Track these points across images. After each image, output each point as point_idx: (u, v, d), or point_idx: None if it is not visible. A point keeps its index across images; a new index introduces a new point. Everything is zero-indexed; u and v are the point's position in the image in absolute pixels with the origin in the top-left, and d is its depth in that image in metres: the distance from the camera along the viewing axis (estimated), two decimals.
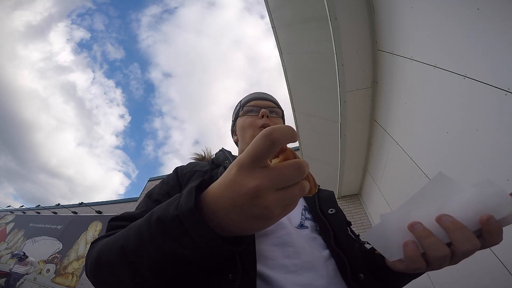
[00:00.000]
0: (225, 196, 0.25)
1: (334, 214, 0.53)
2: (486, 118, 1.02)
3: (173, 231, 0.27)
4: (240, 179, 0.24)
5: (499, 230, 0.29)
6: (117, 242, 0.33)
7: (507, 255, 1.02)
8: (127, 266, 0.31)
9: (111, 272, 0.33)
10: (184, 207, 0.27)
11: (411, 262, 0.31)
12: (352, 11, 1.87)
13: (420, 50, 1.45)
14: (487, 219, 0.29)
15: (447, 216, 0.30)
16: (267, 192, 0.24)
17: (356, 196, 3.76)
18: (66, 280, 7.58)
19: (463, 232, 0.29)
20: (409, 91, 1.68)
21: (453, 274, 1.38)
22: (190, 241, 0.27)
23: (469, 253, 0.30)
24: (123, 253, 0.31)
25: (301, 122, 3.07)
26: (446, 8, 1.16)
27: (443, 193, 0.33)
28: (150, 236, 0.29)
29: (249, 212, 0.24)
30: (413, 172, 1.72)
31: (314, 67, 2.45)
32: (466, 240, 0.29)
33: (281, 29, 2.48)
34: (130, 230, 0.33)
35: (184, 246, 0.27)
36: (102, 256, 0.34)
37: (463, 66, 1.11)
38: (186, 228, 0.26)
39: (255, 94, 0.76)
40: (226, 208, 0.25)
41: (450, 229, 0.30)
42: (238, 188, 0.24)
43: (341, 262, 0.43)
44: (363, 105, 2.38)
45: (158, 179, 8.26)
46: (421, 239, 0.31)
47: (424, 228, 0.31)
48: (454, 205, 0.31)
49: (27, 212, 12.12)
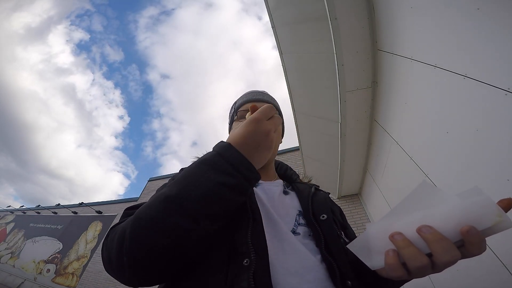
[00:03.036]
0: (246, 137, 0.40)
1: (325, 220, 0.52)
2: (486, 118, 1.02)
3: (218, 164, 0.37)
4: (257, 127, 0.40)
5: (481, 241, 0.29)
6: (158, 197, 0.36)
7: (507, 255, 1.02)
8: (176, 211, 0.34)
9: (157, 228, 0.33)
10: (220, 147, 0.40)
11: (391, 270, 0.32)
12: (352, 11, 1.87)
13: (420, 50, 1.45)
14: (467, 230, 0.29)
15: (427, 227, 0.31)
16: (273, 130, 0.42)
17: (356, 196, 3.76)
18: (66, 280, 7.58)
19: (442, 244, 0.29)
20: (409, 91, 1.68)
21: (453, 274, 1.38)
22: (232, 168, 0.37)
23: (449, 263, 0.30)
24: (170, 200, 0.34)
25: (301, 122, 3.07)
26: (446, 8, 1.16)
27: (426, 202, 0.33)
28: (195, 174, 0.37)
29: (263, 144, 0.41)
30: (413, 172, 1.73)
31: (314, 67, 2.45)
32: (445, 251, 0.29)
33: (281, 29, 2.48)
34: (169, 184, 0.40)
35: (228, 174, 0.36)
36: (142, 216, 0.35)
37: (463, 66, 1.11)
38: (227, 159, 0.37)
39: (249, 96, 0.73)
40: (249, 144, 0.40)
41: (429, 240, 0.30)
42: (257, 131, 0.40)
43: (331, 268, 0.43)
44: (363, 105, 2.38)
45: (158, 179, 8.26)
46: (400, 250, 0.32)
47: (404, 239, 0.32)
48: (436, 216, 0.31)
49: (27, 212, 12.12)
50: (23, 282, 8.61)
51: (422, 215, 0.32)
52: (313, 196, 0.59)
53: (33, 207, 11.83)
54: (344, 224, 0.61)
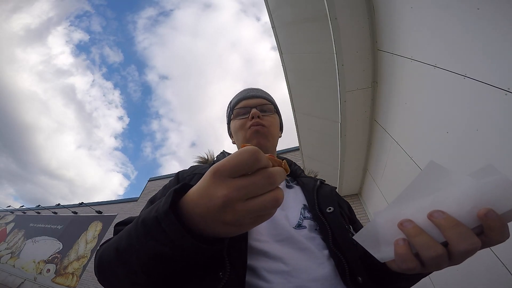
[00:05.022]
0: (199, 202, 0.27)
1: (332, 213, 0.50)
2: (486, 118, 1.02)
3: (154, 232, 0.29)
4: (212, 187, 0.26)
5: (502, 226, 0.25)
6: (113, 244, 0.36)
7: (507, 255, 1.02)
8: (122, 265, 0.34)
9: (111, 271, 0.36)
10: (161, 209, 0.29)
11: (401, 261, 0.29)
12: (352, 11, 1.87)
13: (420, 50, 1.45)
14: (485, 213, 0.25)
15: (439, 212, 0.27)
16: (236, 202, 0.25)
17: (356, 196, 3.76)
18: (66, 280, 7.58)
19: (459, 230, 0.26)
20: (409, 91, 1.68)
21: (453, 274, 1.38)
22: (168, 240, 0.28)
23: (468, 252, 0.26)
24: (118, 253, 0.34)
25: (301, 122, 3.07)
26: (446, 8, 1.16)
27: (436, 185, 0.30)
28: (136, 236, 0.31)
29: (221, 219, 0.26)
30: (413, 172, 1.72)
31: (314, 67, 2.45)
32: (462, 238, 0.26)
33: (281, 29, 2.48)
34: (123, 233, 0.35)
35: (164, 244, 0.29)
36: (103, 257, 0.38)
37: (463, 66, 1.11)
38: (163, 229, 0.28)
39: (244, 93, 0.72)
40: (200, 214, 0.27)
41: (443, 226, 0.27)
42: (209, 197, 0.26)
43: (340, 263, 0.41)
44: (363, 105, 2.37)
45: (158, 179, 8.26)
46: (411, 238, 0.28)
47: (414, 226, 0.28)
48: (448, 199, 0.28)
49: (27, 212, 12.13)
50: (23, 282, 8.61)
51: (433, 200, 0.29)
52: (318, 189, 0.57)
53: (33, 207, 11.83)
54: (353, 218, 0.59)
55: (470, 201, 0.27)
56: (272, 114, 0.69)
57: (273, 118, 0.68)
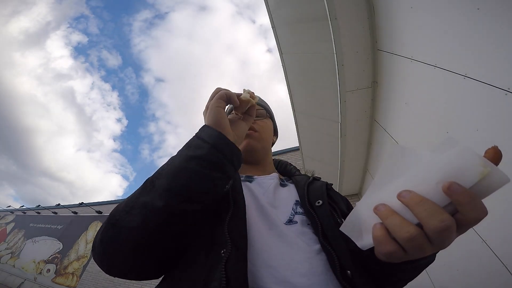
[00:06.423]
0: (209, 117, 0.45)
1: (321, 206, 0.50)
2: (486, 118, 1.02)
3: (191, 142, 0.41)
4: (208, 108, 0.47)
5: (473, 200, 0.24)
6: (145, 183, 0.39)
7: (507, 255, 1.02)
8: (146, 193, 0.36)
9: (128, 208, 0.36)
10: (200, 130, 0.43)
11: (379, 244, 0.28)
12: (352, 11, 1.87)
13: (420, 50, 1.45)
14: (448, 187, 0.24)
15: (406, 192, 0.26)
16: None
17: (356, 196, 3.76)
18: (67, 280, 7.58)
19: (424, 207, 0.25)
20: (409, 91, 1.68)
21: (453, 273, 1.38)
22: (200, 141, 0.40)
23: (441, 231, 0.24)
24: (146, 182, 0.38)
25: (301, 122, 3.07)
26: (446, 8, 1.16)
27: (404, 166, 0.29)
28: (173, 157, 0.40)
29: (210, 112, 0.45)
30: None
31: (314, 67, 2.45)
32: (430, 215, 0.24)
33: (281, 29, 2.48)
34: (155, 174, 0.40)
35: (197, 146, 0.39)
36: (119, 208, 0.37)
37: (463, 66, 1.11)
38: (201, 136, 0.41)
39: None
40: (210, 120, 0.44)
41: (410, 205, 0.26)
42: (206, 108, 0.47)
43: (331, 257, 0.41)
44: (363, 105, 2.37)
45: None
46: (384, 220, 0.27)
47: (387, 208, 0.28)
48: (416, 177, 0.27)
49: (27, 212, 12.13)
50: (23, 282, 8.61)
51: (404, 180, 0.28)
52: (309, 184, 0.58)
53: (33, 207, 11.83)
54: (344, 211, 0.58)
55: (434, 177, 0.25)
56: (264, 118, 0.71)
57: (265, 122, 0.70)
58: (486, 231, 1.09)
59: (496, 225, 1.02)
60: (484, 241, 1.09)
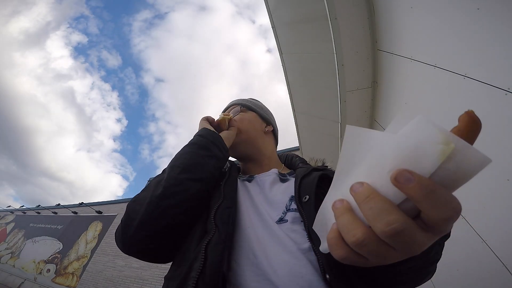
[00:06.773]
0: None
1: (306, 202, 0.46)
2: (486, 118, 1.02)
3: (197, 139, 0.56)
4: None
5: (431, 194, 0.17)
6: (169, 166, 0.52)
7: (507, 255, 1.02)
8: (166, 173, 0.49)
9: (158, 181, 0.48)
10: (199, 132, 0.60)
11: (330, 249, 0.23)
12: (352, 11, 1.87)
13: (420, 50, 1.45)
14: (395, 177, 0.18)
15: (357, 184, 0.21)
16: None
17: None
18: (66, 280, 7.58)
19: (370, 204, 0.19)
20: (409, 91, 1.68)
21: (453, 273, 1.38)
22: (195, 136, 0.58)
23: (389, 236, 0.18)
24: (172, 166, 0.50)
25: (301, 122, 3.07)
26: (446, 8, 1.16)
27: (361, 152, 0.22)
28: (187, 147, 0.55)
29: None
30: None
31: (314, 67, 2.45)
32: (374, 215, 0.18)
33: (281, 29, 2.48)
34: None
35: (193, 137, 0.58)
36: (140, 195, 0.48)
37: (463, 66, 1.11)
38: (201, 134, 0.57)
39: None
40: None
41: (357, 201, 0.20)
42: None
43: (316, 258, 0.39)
44: (363, 105, 2.38)
45: None
46: (336, 220, 0.22)
47: (343, 205, 0.22)
48: (372, 166, 0.21)
49: (27, 212, 12.13)
50: (23, 282, 8.62)
51: (363, 169, 0.22)
52: (304, 177, 0.53)
53: (33, 207, 11.84)
54: None
55: (387, 163, 0.19)
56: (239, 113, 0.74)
57: (242, 115, 0.73)
58: (486, 231, 1.09)
59: (496, 225, 1.02)
60: (484, 241, 1.09)
